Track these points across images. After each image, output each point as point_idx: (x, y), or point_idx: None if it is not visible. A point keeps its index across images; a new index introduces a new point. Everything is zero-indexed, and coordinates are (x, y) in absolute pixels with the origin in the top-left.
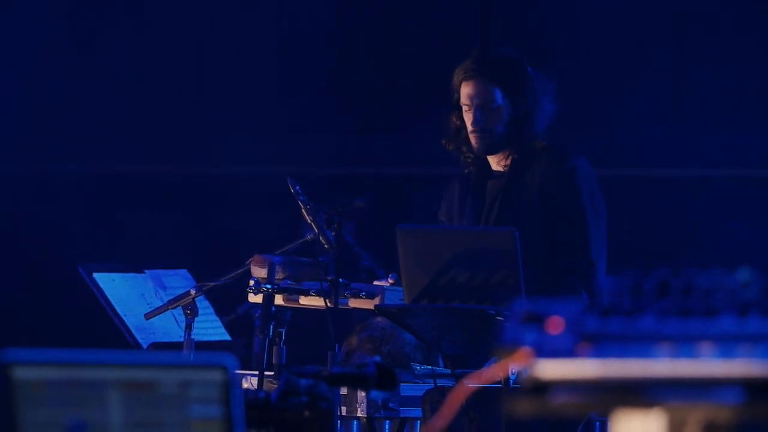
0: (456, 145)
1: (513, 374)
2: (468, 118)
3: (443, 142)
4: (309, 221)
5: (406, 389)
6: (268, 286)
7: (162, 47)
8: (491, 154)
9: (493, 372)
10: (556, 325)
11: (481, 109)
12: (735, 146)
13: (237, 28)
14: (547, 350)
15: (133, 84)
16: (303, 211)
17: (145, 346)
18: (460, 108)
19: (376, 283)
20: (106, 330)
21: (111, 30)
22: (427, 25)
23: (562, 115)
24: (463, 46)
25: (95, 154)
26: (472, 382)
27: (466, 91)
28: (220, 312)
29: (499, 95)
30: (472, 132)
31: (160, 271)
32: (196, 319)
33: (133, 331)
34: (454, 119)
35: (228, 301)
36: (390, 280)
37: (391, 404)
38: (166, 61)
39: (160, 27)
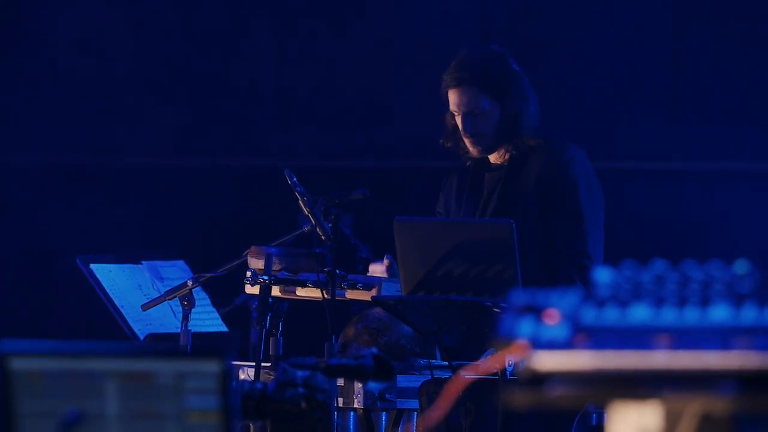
0: (453, 142)
1: (510, 366)
2: (459, 123)
3: (441, 141)
4: (306, 213)
5: (403, 381)
6: (265, 278)
7: (162, 39)
8: (488, 154)
9: (490, 364)
10: (552, 317)
11: (470, 116)
12: (734, 139)
13: (235, 19)
14: (544, 342)
15: (131, 75)
16: (300, 202)
17: (142, 338)
18: None
19: (372, 265)
20: (103, 321)
21: (111, 25)
22: (426, 16)
23: (562, 108)
24: (462, 38)
25: (92, 146)
26: (469, 374)
27: (453, 98)
28: (216, 303)
29: (485, 100)
30: (465, 137)
31: (157, 262)
32: (192, 310)
33: (130, 322)
34: (449, 119)
35: (225, 293)
36: (386, 261)
37: (388, 396)
38: (161, 51)
39: (163, 23)
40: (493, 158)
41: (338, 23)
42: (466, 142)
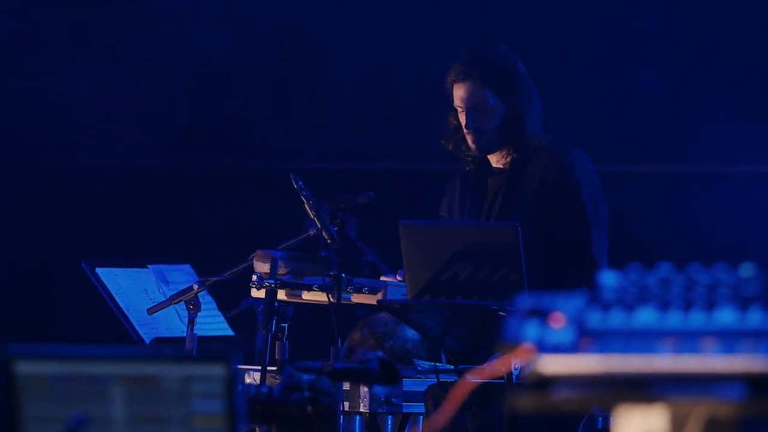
0: (455, 143)
1: (515, 370)
2: (462, 119)
3: (442, 142)
4: (312, 216)
5: (409, 385)
6: (271, 282)
7: (169, 41)
8: (489, 153)
9: (495, 367)
10: (558, 321)
11: (474, 111)
12: (737, 141)
13: (241, 24)
14: (550, 346)
15: (138, 78)
16: (306, 206)
17: (147, 341)
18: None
19: (383, 278)
20: (109, 325)
21: (116, 25)
22: (430, 18)
23: (562, 108)
24: (466, 39)
25: (98, 149)
26: (474, 378)
27: (458, 93)
28: (222, 307)
29: (490, 96)
30: (467, 133)
31: (163, 266)
32: (198, 314)
33: (136, 326)
34: (452, 119)
35: (231, 296)
36: (398, 277)
37: (393, 399)
38: (170, 54)
39: (168, 21)
40: (495, 161)
41: (340, 24)
42: (468, 138)
